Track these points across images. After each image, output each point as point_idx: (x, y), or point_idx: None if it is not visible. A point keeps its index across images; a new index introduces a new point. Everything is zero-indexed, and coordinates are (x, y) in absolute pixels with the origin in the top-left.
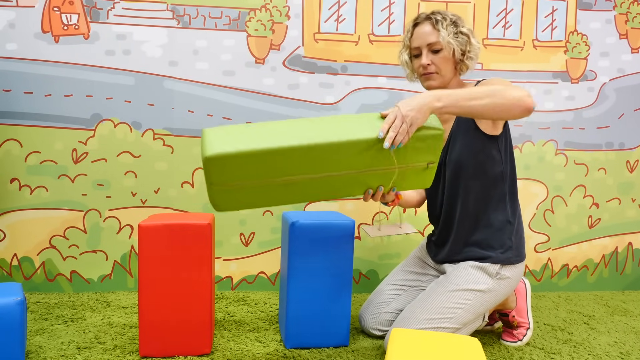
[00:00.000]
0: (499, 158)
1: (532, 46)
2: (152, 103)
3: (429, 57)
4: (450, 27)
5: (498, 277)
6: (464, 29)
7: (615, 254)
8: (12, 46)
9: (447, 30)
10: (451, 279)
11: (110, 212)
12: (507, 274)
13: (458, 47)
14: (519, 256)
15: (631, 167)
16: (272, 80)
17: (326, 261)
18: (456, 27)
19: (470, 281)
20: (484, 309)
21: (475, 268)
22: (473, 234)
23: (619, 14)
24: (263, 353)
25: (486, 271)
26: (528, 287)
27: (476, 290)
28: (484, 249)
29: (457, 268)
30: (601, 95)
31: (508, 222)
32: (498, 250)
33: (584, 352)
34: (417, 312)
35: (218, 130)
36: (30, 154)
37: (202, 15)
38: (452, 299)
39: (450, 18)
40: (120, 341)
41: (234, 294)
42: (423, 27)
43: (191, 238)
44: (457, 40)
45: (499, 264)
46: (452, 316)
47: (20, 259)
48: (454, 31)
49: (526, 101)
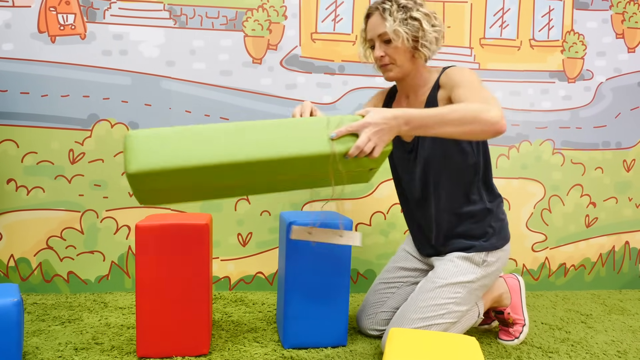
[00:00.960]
0: (469, 149)
1: (529, 46)
2: (149, 103)
3: (382, 49)
4: (399, 13)
5: (485, 264)
6: (417, 13)
7: (612, 253)
8: (8, 46)
9: (393, 17)
10: (439, 273)
11: (107, 213)
12: (494, 259)
13: (407, 35)
14: (504, 239)
15: (628, 166)
16: (269, 80)
17: (324, 261)
18: (406, 12)
19: (457, 273)
20: (475, 297)
21: (461, 259)
22: (454, 227)
23: (616, 13)
24: (261, 353)
25: (472, 261)
26: (522, 284)
27: (465, 282)
28: (467, 239)
29: (444, 261)
30: (598, 95)
31: (487, 211)
32: (481, 239)
33: (581, 351)
34: (409, 313)
35: (144, 135)
36: (27, 154)
37: (199, 15)
38: (442, 295)
39: (400, 3)
40: (118, 342)
41: (232, 294)
42: (373, 18)
43: (188, 238)
44: (406, 27)
45: (484, 252)
46: (444, 312)
47: (17, 259)
48: (402, 17)
49: (499, 126)
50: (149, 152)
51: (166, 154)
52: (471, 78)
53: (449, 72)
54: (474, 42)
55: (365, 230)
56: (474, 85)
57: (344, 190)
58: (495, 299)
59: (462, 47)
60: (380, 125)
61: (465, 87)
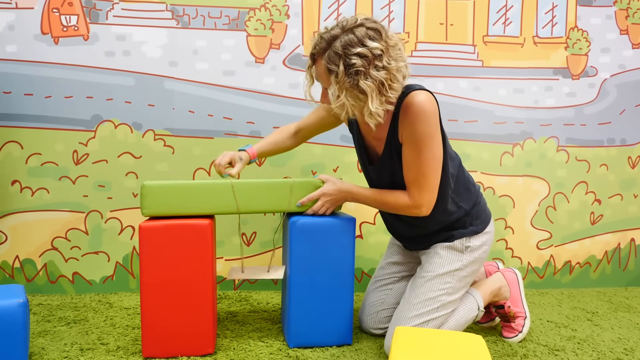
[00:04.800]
0: None
1: (533, 43)
2: (152, 104)
3: (327, 99)
4: (347, 78)
5: (469, 250)
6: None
7: (617, 251)
8: (11, 48)
9: (339, 85)
10: (426, 267)
11: (111, 213)
12: (477, 243)
13: (352, 110)
14: (484, 222)
15: (633, 163)
16: (272, 79)
17: (328, 260)
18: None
19: (443, 264)
20: (465, 283)
21: (444, 249)
22: (433, 227)
23: (620, 9)
24: (266, 353)
25: (456, 248)
26: (519, 276)
27: (452, 270)
28: (448, 231)
29: (429, 254)
30: (602, 92)
31: (462, 210)
32: (460, 229)
33: (587, 349)
34: (405, 312)
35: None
36: (31, 155)
37: (201, 15)
38: (433, 288)
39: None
40: (123, 342)
41: (236, 294)
42: (318, 65)
43: (192, 238)
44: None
45: (465, 237)
46: (438, 305)
47: (22, 261)
48: (349, 84)
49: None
50: (157, 202)
51: (170, 204)
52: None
53: (407, 109)
54: (477, 40)
55: (369, 228)
56: (420, 156)
57: None
58: (494, 293)
59: (465, 45)
60: (333, 196)
61: (412, 153)
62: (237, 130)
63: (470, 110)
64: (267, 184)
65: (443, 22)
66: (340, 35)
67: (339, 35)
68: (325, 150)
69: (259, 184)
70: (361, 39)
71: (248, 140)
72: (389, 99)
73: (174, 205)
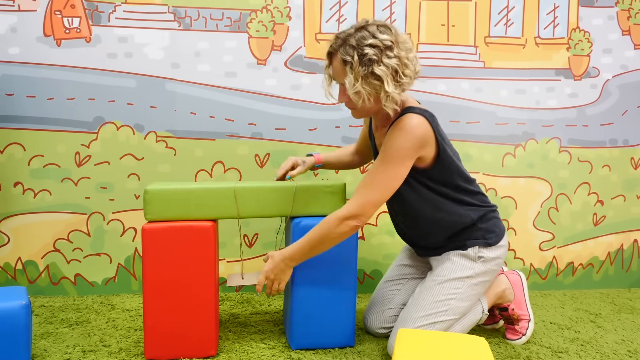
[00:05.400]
0: (438, 179)
1: (534, 44)
2: (154, 105)
3: (344, 95)
4: (361, 67)
5: (482, 260)
6: (379, 69)
7: (620, 252)
8: (14, 50)
9: (354, 74)
10: (438, 271)
11: (113, 215)
12: (491, 255)
13: (368, 96)
14: (498, 235)
15: (635, 163)
16: (274, 81)
17: (330, 261)
18: (368, 67)
19: (455, 270)
20: (476, 293)
21: (457, 256)
22: (444, 237)
23: (622, 10)
24: (268, 355)
25: (469, 257)
26: (523, 278)
27: (463, 277)
28: (460, 241)
29: (441, 260)
30: (604, 92)
31: (471, 220)
32: (472, 239)
33: (591, 351)
34: (412, 312)
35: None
36: (34, 157)
37: (203, 17)
38: (443, 291)
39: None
40: (126, 344)
41: (239, 296)
42: (335, 61)
43: (194, 240)
44: (367, 87)
45: (479, 247)
46: (446, 308)
47: (25, 262)
48: (364, 73)
49: (353, 229)
50: (159, 207)
51: (174, 209)
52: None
53: (397, 123)
54: (479, 41)
55: (371, 230)
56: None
57: None
58: (498, 295)
59: (467, 46)
60: (275, 270)
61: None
62: (239, 132)
63: (472, 111)
64: (270, 188)
65: (445, 24)
66: (354, 33)
67: (353, 33)
68: (326, 151)
69: (261, 189)
70: (373, 33)
71: (248, 141)
72: (403, 85)
73: (178, 210)
